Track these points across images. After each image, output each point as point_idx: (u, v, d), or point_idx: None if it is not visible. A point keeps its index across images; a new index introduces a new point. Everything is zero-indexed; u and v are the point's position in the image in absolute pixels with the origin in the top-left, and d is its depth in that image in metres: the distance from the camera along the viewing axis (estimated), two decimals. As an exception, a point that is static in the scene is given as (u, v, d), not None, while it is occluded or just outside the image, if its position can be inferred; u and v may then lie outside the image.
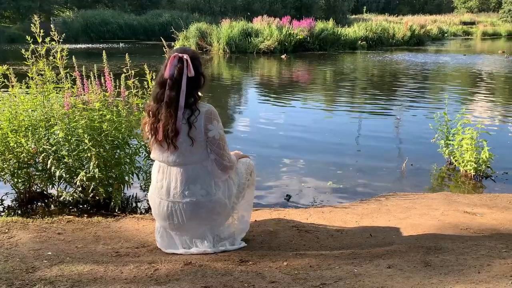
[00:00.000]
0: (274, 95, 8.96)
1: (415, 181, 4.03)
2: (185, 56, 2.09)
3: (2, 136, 3.14)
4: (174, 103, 2.09)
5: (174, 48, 2.26)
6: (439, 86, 10.23)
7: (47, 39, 3.10)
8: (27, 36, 3.20)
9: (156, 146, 2.21)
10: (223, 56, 16.85)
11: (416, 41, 23.98)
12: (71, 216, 2.96)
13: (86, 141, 2.97)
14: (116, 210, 3.19)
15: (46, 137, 3.19)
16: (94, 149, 3.00)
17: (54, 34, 3.04)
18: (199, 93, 2.18)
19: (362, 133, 5.80)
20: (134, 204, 3.45)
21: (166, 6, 33.52)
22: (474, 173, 4.02)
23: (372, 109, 7.47)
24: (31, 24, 3.08)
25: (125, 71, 3.16)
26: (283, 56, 16.22)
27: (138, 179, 3.39)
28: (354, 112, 7.25)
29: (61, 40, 3.13)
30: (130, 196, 3.57)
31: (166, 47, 3.28)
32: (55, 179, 3.28)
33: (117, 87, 3.26)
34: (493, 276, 1.75)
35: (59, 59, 3.16)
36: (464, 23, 40.20)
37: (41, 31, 3.08)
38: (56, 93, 3.31)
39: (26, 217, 2.94)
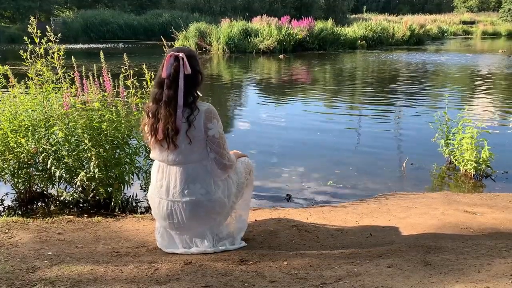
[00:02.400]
0: (274, 95, 8.97)
1: (415, 180, 4.03)
2: (181, 54, 2.09)
3: (2, 136, 3.14)
4: (173, 101, 2.09)
5: (172, 48, 2.26)
6: (439, 86, 10.23)
7: (44, 39, 3.09)
8: (24, 37, 3.20)
9: (155, 146, 2.21)
10: (223, 56, 16.84)
11: (416, 41, 23.99)
12: (71, 216, 2.96)
13: (86, 141, 2.97)
14: (116, 210, 3.19)
15: (46, 137, 3.19)
16: (94, 149, 3.00)
17: (50, 35, 3.04)
18: (198, 92, 2.17)
19: (362, 132, 5.80)
20: (134, 204, 3.45)
21: (166, 6, 33.55)
22: (474, 173, 4.02)
23: (372, 108, 7.46)
24: (28, 25, 3.08)
25: (123, 71, 3.15)
26: (281, 56, 16.21)
27: (138, 179, 3.39)
28: (354, 111, 7.25)
29: (57, 40, 3.12)
30: (130, 196, 3.57)
31: (165, 46, 3.28)
32: (55, 179, 3.28)
33: (116, 86, 3.26)
34: (493, 276, 1.75)
35: (57, 59, 3.16)
36: (464, 23, 40.23)
37: (38, 31, 3.08)
38: (55, 93, 3.31)
39: (26, 217, 2.94)
